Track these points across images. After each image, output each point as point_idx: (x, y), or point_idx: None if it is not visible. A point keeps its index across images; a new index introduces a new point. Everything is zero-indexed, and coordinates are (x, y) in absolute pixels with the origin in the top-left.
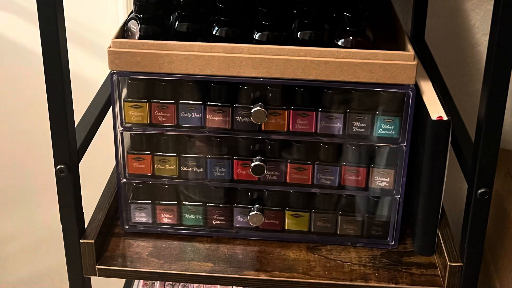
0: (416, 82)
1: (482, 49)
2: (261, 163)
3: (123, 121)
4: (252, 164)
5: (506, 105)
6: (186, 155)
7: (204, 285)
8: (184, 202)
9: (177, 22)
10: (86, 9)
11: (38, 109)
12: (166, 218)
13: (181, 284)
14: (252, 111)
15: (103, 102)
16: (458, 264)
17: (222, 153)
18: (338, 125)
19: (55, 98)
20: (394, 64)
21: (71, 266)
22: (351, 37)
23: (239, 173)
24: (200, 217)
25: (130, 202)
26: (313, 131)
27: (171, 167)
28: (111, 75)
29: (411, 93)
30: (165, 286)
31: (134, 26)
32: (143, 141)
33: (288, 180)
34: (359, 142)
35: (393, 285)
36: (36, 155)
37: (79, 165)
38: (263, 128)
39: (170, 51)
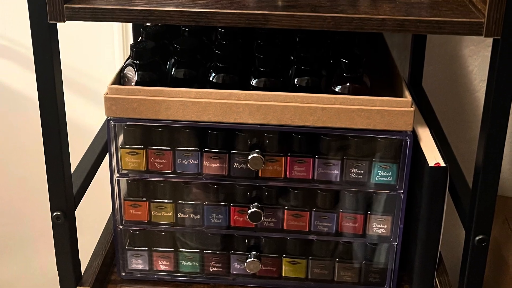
0: (413, 128)
1: (480, 96)
2: (258, 210)
3: (120, 167)
4: (249, 211)
5: (504, 151)
6: (183, 201)
7: None
8: (181, 249)
9: (174, 68)
10: (83, 55)
11: (34, 155)
12: (162, 265)
13: None
14: (249, 157)
15: (100, 149)
16: None
17: (219, 200)
18: (335, 171)
19: (52, 145)
20: (392, 111)
21: None
22: (348, 84)
23: (236, 219)
24: (197, 264)
25: (126, 249)
26: (310, 177)
27: (168, 214)
28: (107, 121)
29: (409, 140)
30: None
31: (131, 72)
32: (140, 188)
33: (285, 227)
34: (356, 188)
35: None
36: (33, 201)
37: (76, 211)
38: (260, 175)
39: (167, 97)
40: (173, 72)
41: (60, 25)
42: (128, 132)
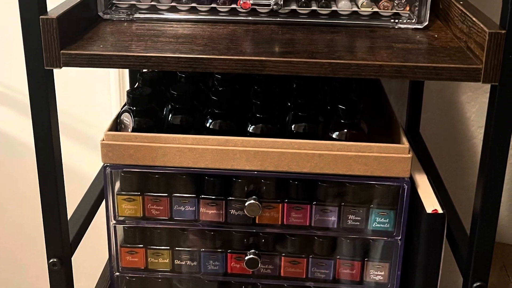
0: (411, 175)
1: (477, 142)
2: (255, 257)
3: (116, 214)
4: (246, 258)
5: (502, 198)
6: (180, 248)
7: None
8: None
9: (170, 115)
10: (79, 101)
11: (30, 201)
12: None
13: None
14: (246, 204)
15: (96, 195)
16: None
17: (216, 247)
18: (333, 218)
19: (48, 191)
20: (389, 157)
21: None
22: (345, 130)
23: (233, 266)
24: None
25: None
26: (308, 224)
27: (165, 261)
28: (104, 168)
29: (406, 186)
30: None
31: (127, 118)
32: (136, 234)
33: (282, 274)
34: (353, 235)
35: None
36: (29, 247)
37: (72, 258)
38: (257, 222)
39: (164, 143)
40: (169, 118)
41: (56, 71)
42: (125, 179)
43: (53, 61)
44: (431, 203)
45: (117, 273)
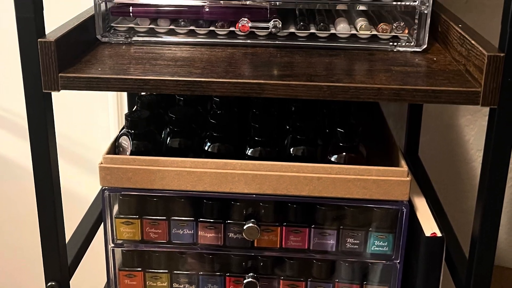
0: (409, 198)
1: (476, 165)
2: (254, 280)
3: (115, 237)
4: (245, 281)
5: (501, 221)
6: (178, 271)
7: None
8: None
9: (169, 138)
10: (77, 124)
11: (29, 224)
12: None
13: None
14: (245, 227)
15: (95, 218)
16: None
17: (214, 270)
18: (331, 241)
19: (46, 214)
20: (388, 180)
21: None
22: (344, 153)
23: None
24: None
25: None
26: (306, 247)
27: (163, 284)
28: (102, 191)
29: (405, 210)
30: None
31: (126, 141)
32: (135, 258)
33: None
34: (352, 258)
35: None
36: (27, 271)
37: (70, 281)
38: (255, 245)
39: (162, 167)
40: (168, 141)
41: (54, 93)
42: (123, 202)
43: (52, 84)
44: (429, 226)
45: None
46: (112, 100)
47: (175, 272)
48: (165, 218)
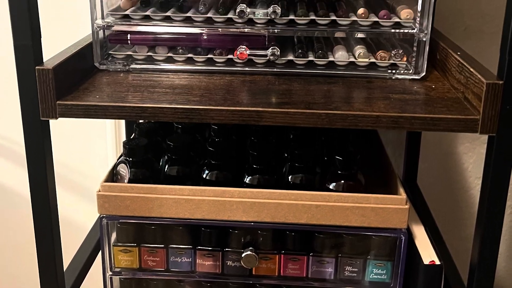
0: (408, 226)
1: (475, 193)
2: None
3: (113, 265)
4: None
5: (499, 249)
6: None
7: None
8: None
9: (167, 166)
10: (75, 152)
11: (26, 252)
12: None
13: None
14: (243, 255)
15: (92, 246)
16: None
17: None
18: (330, 269)
19: (44, 242)
20: (386, 208)
21: None
22: (342, 181)
23: None
24: None
25: None
26: (304, 275)
27: None
28: (100, 219)
29: (403, 237)
30: None
31: (124, 169)
32: (133, 286)
33: None
34: (350, 286)
35: None
36: None
37: None
38: (253, 273)
39: (160, 194)
40: (166, 169)
41: (52, 121)
42: (121, 230)
43: (49, 112)
44: (428, 254)
45: None
46: (110, 128)
47: None
48: (163, 246)
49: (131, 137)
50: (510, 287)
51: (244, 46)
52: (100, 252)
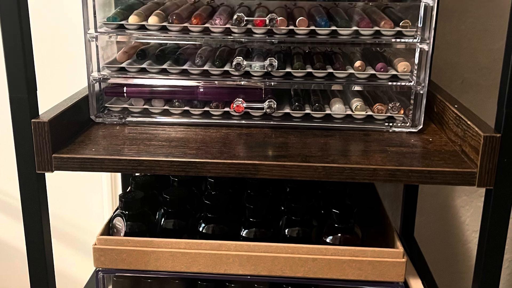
0: (405, 279)
1: (472, 246)
2: None
3: None
4: None
5: None
6: None
7: None
8: None
9: (163, 219)
10: (71, 205)
11: None
12: None
13: None
14: None
15: None
16: None
17: None
18: None
19: None
20: (383, 262)
21: None
22: (339, 234)
23: None
24: None
25: None
26: None
27: None
28: (96, 272)
29: None
30: None
31: (120, 223)
32: None
33: None
34: None
35: None
36: None
37: None
38: None
39: (156, 248)
40: (162, 222)
41: (48, 174)
42: (117, 283)
43: (45, 165)
44: None
45: None
46: (106, 181)
47: None
48: None
49: (127, 190)
50: None
51: (240, 99)
52: None
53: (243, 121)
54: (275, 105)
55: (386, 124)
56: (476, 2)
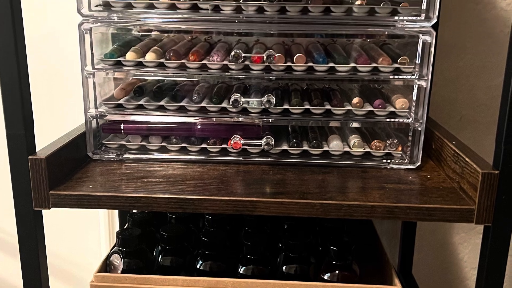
0: None
1: (470, 283)
2: None
3: None
4: None
5: None
6: None
7: None
8: None
9: (160, 256)
10: (68, 242)
11: None
12: None
13: None
14: None
15: None
16: None
17: None
18: None
19: None
20: None
21: None
22: (337, 271)
23: None
24: None
25: None
26: None
27: None
28: None
29: None
30: None
31: (117, 260)
32: None
33: None
34: None
35: None
36: None
37: None
38: None
39: (154, 285)
40: (159, 259)
41: (45, 211)
42: None
43: (42, 202)
44: None
45: None
46: (103, 218)
47: None
48: None
49: (125, 227)
50: None
51: (238, 136)
52: None
53: (241, 158)
54: (273, 142)
55: (384, 161)
56: (474, 39)
